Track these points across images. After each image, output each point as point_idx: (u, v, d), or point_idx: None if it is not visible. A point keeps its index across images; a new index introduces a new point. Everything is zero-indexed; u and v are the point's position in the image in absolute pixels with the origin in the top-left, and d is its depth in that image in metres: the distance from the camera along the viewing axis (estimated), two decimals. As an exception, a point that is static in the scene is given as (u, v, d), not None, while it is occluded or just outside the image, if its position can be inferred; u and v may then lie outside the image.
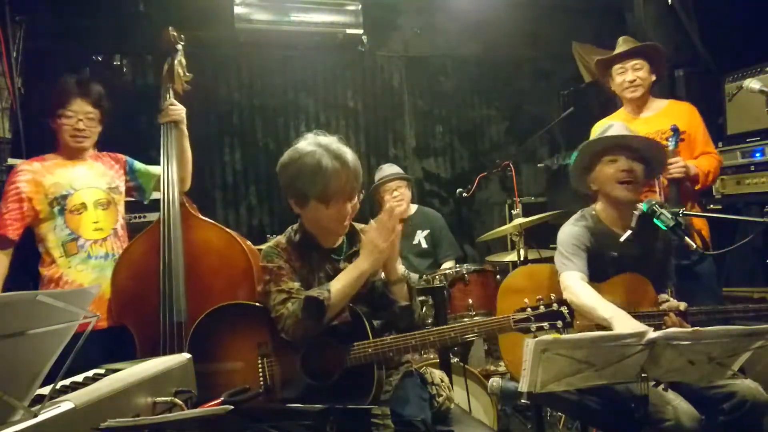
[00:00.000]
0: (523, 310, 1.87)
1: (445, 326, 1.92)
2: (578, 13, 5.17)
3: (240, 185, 4.67)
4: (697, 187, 2.97)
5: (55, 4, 3.91)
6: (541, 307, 1.85)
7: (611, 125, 2.42)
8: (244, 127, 4.69)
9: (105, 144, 2.71)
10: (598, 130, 2.86)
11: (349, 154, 1.95)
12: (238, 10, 4.30)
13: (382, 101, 5.09)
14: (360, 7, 4.56)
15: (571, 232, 2.30)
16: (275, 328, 1.93)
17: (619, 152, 2.27)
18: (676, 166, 2.81)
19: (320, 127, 4.82)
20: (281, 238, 2.08)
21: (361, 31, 4.61)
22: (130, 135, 2.53)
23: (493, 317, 1.98)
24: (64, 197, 2.51)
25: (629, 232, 2.22)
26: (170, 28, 2.62)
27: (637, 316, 2.09)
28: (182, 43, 2.64)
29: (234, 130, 4.66)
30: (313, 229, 2.03)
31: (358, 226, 2.12)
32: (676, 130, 2.85)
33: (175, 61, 2.61)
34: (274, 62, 4.72)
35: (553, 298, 1.87)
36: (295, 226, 2.09)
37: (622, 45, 3.14)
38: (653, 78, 3.08)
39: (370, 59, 4.99)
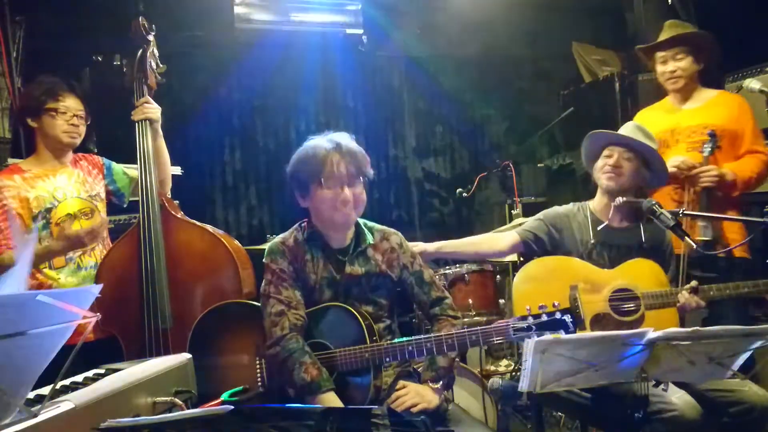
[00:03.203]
0: (524, 318, 1.79)
1: (442, 333, 1.87)
2: (578, 13, 5.15)
3: (240, 185, 4.68)
4: (735, 194, 2.73)
5: (55, 4, 3.90)
6: (543, 315, 1.76)
7: (627, 125, 2.46)
8: (244, 127, 4.69)
9: (104, 145, 2.68)
10: (639, 119, 2.87)
11: (346, 140, 1.98)
12: (238, 10, 4.30)
13: (382, 101, 5.09)
14: (360, 7, 4.57)
15: (552, 210, 2.47)
16: None
17: (616, 148, 2.35)
18: (707, 175, 2.63)
19: (320, 127, 4.87)
20: (288, 235, 2.06)
21: (361, 31, 4.61)
22: (129, 135, 2.51)
23: (492, 325, 1.88)
24: (48, 210, 2.41)
25: (605, 223, 2.34)
26: (141, 18, 2.50)
27: (651, 296, 2.15)
28: (153, 33, 2.51)
29: (234, 130, 4.66)
30: (319, 223, 2.02)
31: (367, 224, 2.09)
32: (713, 136, 2.68)
33: (147, 53, 2.49)
34: (274, 62, 4.70)
35: (556, 305, 1.78)
36: (303, 223, 2.07)
37: (666, 31, 2.91)
38: (698, 68, 2.87)
39: (370, 59, 4.99)
